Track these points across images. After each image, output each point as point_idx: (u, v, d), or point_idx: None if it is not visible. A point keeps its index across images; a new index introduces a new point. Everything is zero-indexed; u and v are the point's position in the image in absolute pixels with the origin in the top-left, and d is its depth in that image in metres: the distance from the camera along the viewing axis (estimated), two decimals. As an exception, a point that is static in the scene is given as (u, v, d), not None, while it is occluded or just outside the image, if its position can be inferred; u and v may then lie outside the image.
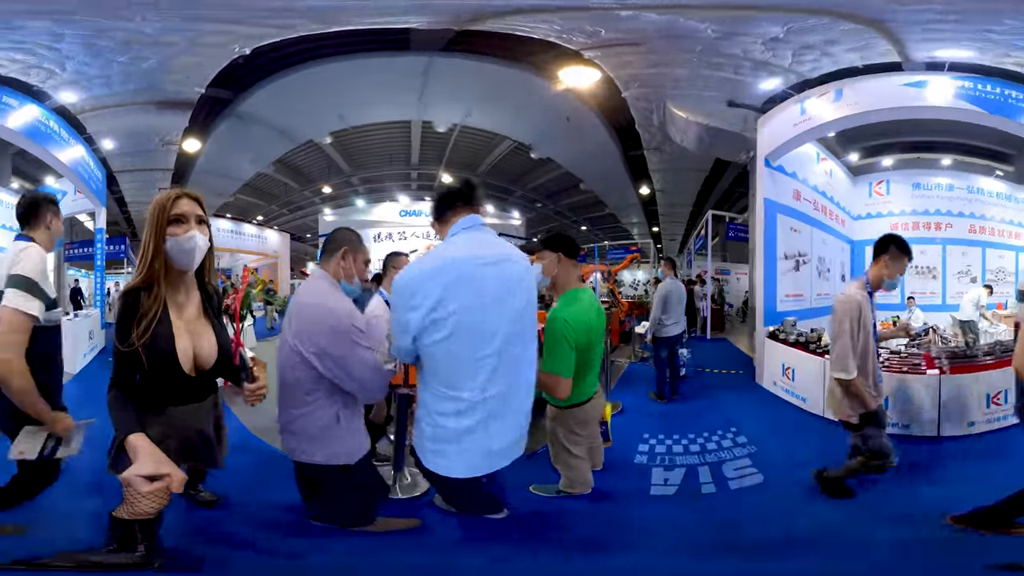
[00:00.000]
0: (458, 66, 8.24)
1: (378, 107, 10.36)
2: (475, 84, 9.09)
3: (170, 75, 6.55)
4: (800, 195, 7.23)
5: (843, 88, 5.66)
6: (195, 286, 2.01)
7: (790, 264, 7.08)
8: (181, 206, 1.87)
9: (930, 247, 8.48)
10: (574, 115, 9.83)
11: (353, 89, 9.15)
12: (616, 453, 3.58)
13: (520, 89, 8.90)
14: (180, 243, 1.84)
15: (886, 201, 8.39)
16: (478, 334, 1.81)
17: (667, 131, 8.49)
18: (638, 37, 5.95)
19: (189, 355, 1.89)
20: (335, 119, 10.76)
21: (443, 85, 9.10)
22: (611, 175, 12.48)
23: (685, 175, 11.32)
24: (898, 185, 8.36)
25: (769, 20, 5.23)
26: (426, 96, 9.65)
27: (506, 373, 1.87)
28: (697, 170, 11.03)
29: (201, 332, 1.95)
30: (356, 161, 13.59)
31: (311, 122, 10.79)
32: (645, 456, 4.05)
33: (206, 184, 10.84)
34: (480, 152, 13.00)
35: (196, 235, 1.86)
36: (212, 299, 2.07)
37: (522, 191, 15.37)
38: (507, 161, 13.21)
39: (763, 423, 4.99)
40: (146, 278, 1.84)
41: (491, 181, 14.17)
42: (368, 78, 8.54)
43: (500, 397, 1.87)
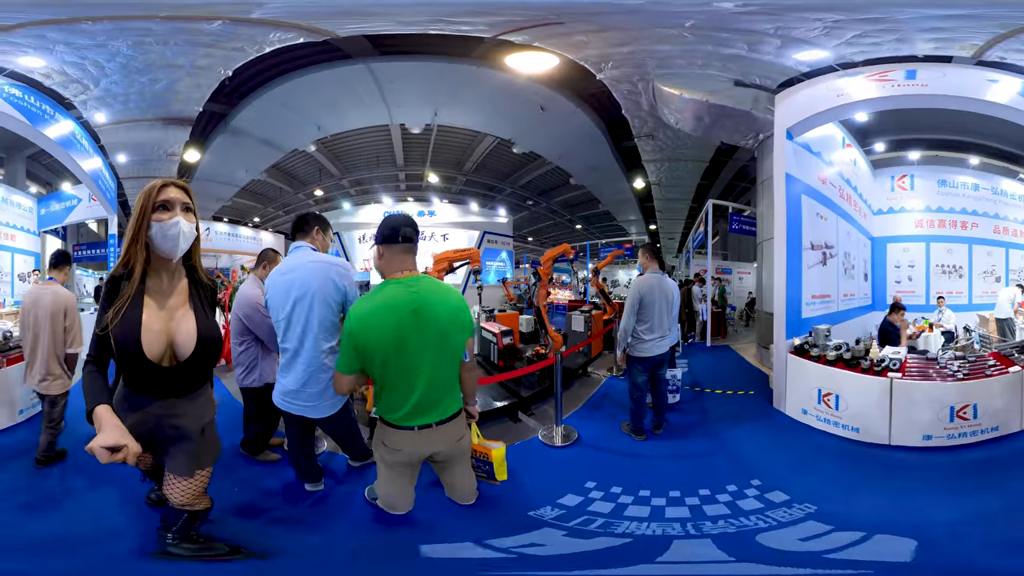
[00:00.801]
0: (402, 68, 8.22)
1: (349, 115, 10.44)
2: (428, 83, 8.96)
3: (176, 95, 7.26)
4: (825, 179, 6.18)
5: (918, 69, 4.97)
6: (182, 275, 2.00)
7: (816, 256, 5.79)
8: (167, 193, 1.87)
9: (956, 246, 8.01)
10: (549, 104, 9.12)
11: (321, 100, 9.39)
12: (513, 493, 3.15)
13: (475, 83, 8.52)
14: (164, 228, 1.83)
15: (909, 196, 7.74)
16: (276, 310, 2.69)
17: (660, 114, 7.51)
18: (558, 15, 5.31)
19: (160, 344, 1.87)
20: (314, 129, 11.00)
21: (398, 88, 9.15)
22: (602, 167, 11.61)
23: (683, 167, 10.37)
24: (923, 181, 7.76)
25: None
26: (388, 100, 9.66)
27: (291, 339, 2.66)
28: (696, 160, 10.10)
29: (182, 322, 1.92)
30: (345, 164, 13.47)
31: (293, 133, 11.10)
32: (553, 511, 2.95)
33: (206, 190, 11.97)
34: (464, 150, 12.54)
35: (180, 221, 1.85)
36: (203, 290, 2.04)
37: (512, 188, 14.67)
38: (493, 158, 12.75)
39: (804, 469, 3.73)
40: (124, 263, 1.86)
41: (476, 179, 13.94)
42: (330, 89, 8.84)
43: (291, 351, 2.69)
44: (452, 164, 13.30)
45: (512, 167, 13.43)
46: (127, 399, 1.96)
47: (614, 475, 3.51)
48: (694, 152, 9.73)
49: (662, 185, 11.25)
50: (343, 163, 13.42)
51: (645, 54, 6.10)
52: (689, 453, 4.03)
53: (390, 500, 2.46)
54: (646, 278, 4.31)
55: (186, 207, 1.90)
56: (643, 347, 4.21)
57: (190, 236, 1.91)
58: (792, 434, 4.47)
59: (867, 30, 4.80)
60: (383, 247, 2.22)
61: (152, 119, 7.85)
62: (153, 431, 1.97)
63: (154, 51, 5.91)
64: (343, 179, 14.43)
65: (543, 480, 3.44)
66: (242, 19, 5.36)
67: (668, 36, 5.46)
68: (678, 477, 3.47)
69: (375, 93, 9.25)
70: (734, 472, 3.56)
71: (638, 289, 4.23)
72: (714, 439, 4.30)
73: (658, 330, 4.23)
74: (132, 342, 1.81)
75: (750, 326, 11.77)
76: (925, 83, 4.95)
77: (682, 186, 11.25)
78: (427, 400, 2.19)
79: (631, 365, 4.30)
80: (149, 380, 1.91)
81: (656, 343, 4.24)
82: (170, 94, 7.20)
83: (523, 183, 14.43)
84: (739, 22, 4.94)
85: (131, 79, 6.54)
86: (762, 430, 4.50)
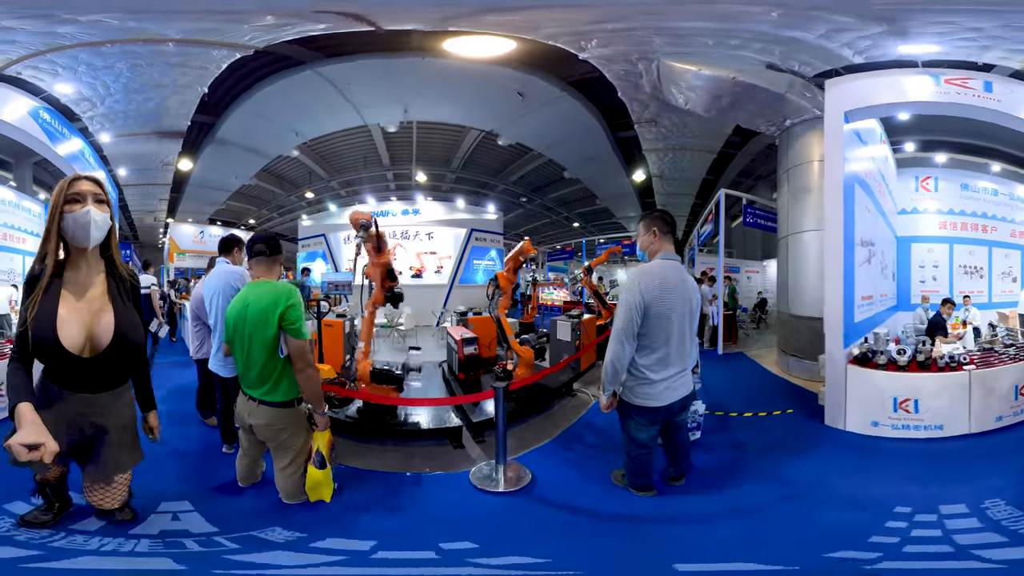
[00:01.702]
0: (347, 69, 8.07)
1: (322, 119, 10.38)
2: (382, 81, 8.64)
3: (167, 111, 7.85)
4: (870, 172, 5.66)
5: (993, 82, 4.74)
6: (101, 268, 2.01)
7: (864, 254, 5.16)
8: (79, 186, 1.92)
9: (978, 248, 8.07)
10: (528, 89, 8.46)
11: (289, 108, 9.46)
12: (324, 526, 2.62)
13: (429, 75, 8.08)
14: (76, 218, 1.87)
15: (932, 198, 7.63)
16: (206, 302, 3.48)
17: (667, 95, 6.60)
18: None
19: (79, 335, 1.87)
20: (292, 135, 11.07)
21: (356, 89, 9.03)
22: (598, 158, 10.94)
23: (688, 157, 9.53)
24: (946, 183, 7.68)
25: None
26: (353, 101, 9.49)
27: (211, 321, 3.47)
28: (703, 150, 9.35)
29: (99, 314, 1.93)
30: (334, 167, 13.40)
31: (273, 140, 11.26)
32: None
33: (201, 196, 13.01)
34: (450, 146, 12.06)
35: (92, 210, 1.88)
36: (122, 282, 2.05)
37: (504, 185, 14.08)
38: (481, 153, 12.22)
39: (940, 479, 3.15)
40: (40, 258, 1.89)
41: (466, 175, 13.49)
42: (294, 96, 8.94)
43: (211, 329, 3.54)
44: (440, 161, 12.85)
45: (502, 162, 12.84)
46: (46, 392, 1.93)
47: (582, 547, 2.36)
48: (701, 141, 9.02)
49: (664, 178, 10.42)
50: (331, 165, 13.26)
51: (651, 31, 5.40)
52: (742, 506, 2.84)
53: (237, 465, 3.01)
54: (654, 269, 2.71)
55: (98, 199, 1.93)
56: (649, 391, 2.69)
57: (103, 225, 1.93)
58: (873, 451, 3.90)
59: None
60: (248, 260, 2.83)
61: (148, 133, 8.52)
62: (72, 427, 1.95)
63: (145, 72, 6.49)
64: (332, 181, 14.29)
65: (420, 534, 2.52)
66: (189, 41, 5.87)
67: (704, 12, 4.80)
68: (736, 543, 2.41)
69: (337, 96, 9.16)
70: (840, 513, 2.74)
71: (639, 288, 2.60)
72: (771, 480, 3.18)
73: (676, 363, 2.71)
74: (49, 332, 1.81)
75: (760, 328, 11.37)
76: (999, 98, 4.75)
77: (686, 179, 10.50)
78: (248, 375, 2.71)
79: (627, 416, 2.81)
80: (68, 372, 1.90)
81: (671, 384, 2.72)
82: (161, 110, 7.82)
83: (515, 179, 13.83)
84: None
85: (130, 97, 7.19)
86: (835, 457, 3.77)
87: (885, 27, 4.24)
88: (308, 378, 2.64)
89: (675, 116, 7.88)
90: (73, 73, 6.25)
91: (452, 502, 2.96)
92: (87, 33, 5.31)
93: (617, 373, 2.70)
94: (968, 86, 4.74)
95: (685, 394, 2.84)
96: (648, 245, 2.86)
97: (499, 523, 2.70)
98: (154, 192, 11.12)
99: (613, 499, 2.93)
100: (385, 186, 14.64)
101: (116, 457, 2.09)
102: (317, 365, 3.05)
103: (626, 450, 2.93)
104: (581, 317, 6.73)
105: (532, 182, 14.13)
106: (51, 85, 6.43)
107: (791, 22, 4.59)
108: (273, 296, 2.60)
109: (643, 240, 2.88)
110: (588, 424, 4.33)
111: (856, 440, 4.14)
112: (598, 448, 3.81)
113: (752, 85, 5.68)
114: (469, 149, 12.07)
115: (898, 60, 4.95)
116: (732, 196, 8.81)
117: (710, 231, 9.47)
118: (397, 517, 2.76)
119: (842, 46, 4.76)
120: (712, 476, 3.27)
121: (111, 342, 1.93)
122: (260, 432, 2.75)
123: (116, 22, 5.21)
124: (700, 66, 5.68)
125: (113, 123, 7.90)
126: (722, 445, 3.87)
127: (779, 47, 5.14)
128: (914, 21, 4.24)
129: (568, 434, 4.13)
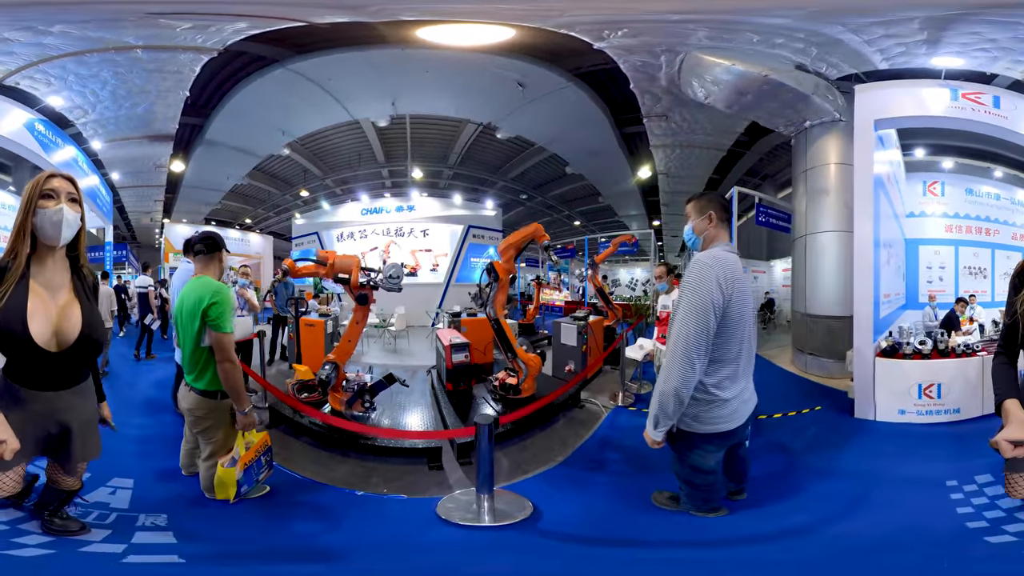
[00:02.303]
0: (325, 63, 7.90)
1: (306, 116, 10.26)
2: (368, 73, 8.49)
3: (154, 115, 8.09)
4: (888, 175, 5.95)
5: (1001, 96, 5.01)
6: (67, 266, 2.03)
7: (884, 255, 5.55)
8: (52, 183, 1.95)
9: (981, 250, 8.52)
10: (530, 79, 8.19)
11: (270, 106, 9.46)
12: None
13: (413, 65, 8.01)
14: (48, 215, 1.88)
15: (939, 202, 8.03)
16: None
17: (686, 88, 6.50)
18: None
19: (47, 330, 1.88)
20: (279, 134, 10.94)
21: (338, 84, 8.92)
22: (603, 152, 10.71)
23: (696, 154, 9.50)
24: (952, 188, 8.09)
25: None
26: (336, 96, 9.35)
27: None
28: (712, 148, 9.34)
29: (67, 309, 1.95)
30: (328, 164, 13.16)
31: (261, 140, 11.21)
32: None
33: (195, 197, 12.79)
34: (446, 141, 11.88)
35: (64, 208, 1.91)
36: (85, 281, 2.08)
37: (503, 182, 13.87)
38: (479, 148, 12.02)
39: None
40: (9, 251, 1.88)
41: (464, 172, 13.17)
42: (272, 94, 8.87)
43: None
44: (437, 157, 12.61)
45: (502, 157, 12.68)
46: (9, 391, 1.93)
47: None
48: (712, 138, 9.05)
49: (670, 175, 10.40)
50: (326, 163, 13.14)
51: (697, 24, 5.21)
52: (830, 502, 2.73)
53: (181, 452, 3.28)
54: (719, 259, 2.22)
55: (72, 198, 1.97)
56: (719, 414, 2.26)
57: (74, 224, 1.96)
58: (906, 436, 4.23)
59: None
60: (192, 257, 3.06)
61: (140, 137, 8.73)
62: (38, 427, 1.97)
63: (128, 79, 6.79)
64: (327, 179, 14.08)
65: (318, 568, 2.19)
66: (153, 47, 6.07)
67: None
68: (869, 536, 2.24)
69: (317, 91, 9.00)
70: (910, 493, 2.85)
71: (717, 282, 2.12)
72: (833, 476, 3.21)
73: (745, 374, 2.34)
74: (19, 325, 1.82)
75: (768, 329, 11.59)
76: (1006, 114, 5.02)
77: (693, 177, 10.42)
78: (184, 362, 2.92)
79: (690, 447, 2.34)
80: (35, 367, 1.91)
81: (742, 398, 2.34)
82: (149, 115, 8.08)
83: (516, 175, 13.68)
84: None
85: (119, 104, 7.43)
86: (876, 445, 4.00)
87: (926, 35, 4.34)
88: (225, 372, 2.76)
89: (687, 111, 7.92)
90: (63, 82, 6.53)
91: (399, 535, 2.50)
92: (66, 44, 5.53)
93: (682, 404, 2.16)
94: (980, 101, 4.99)
95: (753, 407, 2.49)
96: (703, 231, 2.39)
97: (473, 566, 2.13)
98: (149, 194, 11.34)
99: (664, 528, 2.44)
100: (381, 183, 14.24)
101: (81, 452, 2.14)
102: (296, 366, 3.35)
103: (685, 479, 2.51)
104: (588, 319, 6.06)
105: (533, 179, 14.03)
106: (46, 95, 6.70)
107: (856, 24, 4.67)
108: (201, 292, 2.80)
109: (697, 225, 2.40)
110: (605, 440, 3.79)
111: (888, 428, 4.49)
112: (622, 466, 3.32)
113: (780, 84, 5.78)
114: (467, 144, 11.90)
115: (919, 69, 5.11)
116: (745, 195, 8.86)
117: (720, 230, 9.55)
118: (304, 540, 2.46)
119: (876, 51, 4.86)
120: (771, 481, 3.08)
121: (78, 338, 1.95)
122: (187, 417, 2.96)
123: (77, 32, 5.41)
124: (734, 61, 5.68)
125: (105, 129, 8.12)
126: (765, 449, 3.68)
127: (818, 48, 5.22)
128: (951, 31, 4.35)
129: (581, 454, 3.54)
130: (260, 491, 3.02)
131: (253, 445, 2.88)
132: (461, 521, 2.46)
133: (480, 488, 2.61)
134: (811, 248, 7.02)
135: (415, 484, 3.05)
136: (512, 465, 3.36)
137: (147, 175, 10.34)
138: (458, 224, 13.44)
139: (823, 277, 6.86)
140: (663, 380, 2.17)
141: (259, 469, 2.92)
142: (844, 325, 6.20)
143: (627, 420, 4.26)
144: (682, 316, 2.13)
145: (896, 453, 3.84)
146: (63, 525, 2.39)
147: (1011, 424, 1.68)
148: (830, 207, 6.73)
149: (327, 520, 2.76)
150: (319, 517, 2.81)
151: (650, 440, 2.31)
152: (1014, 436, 1.62)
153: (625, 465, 3.36)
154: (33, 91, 6.49)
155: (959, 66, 5.03)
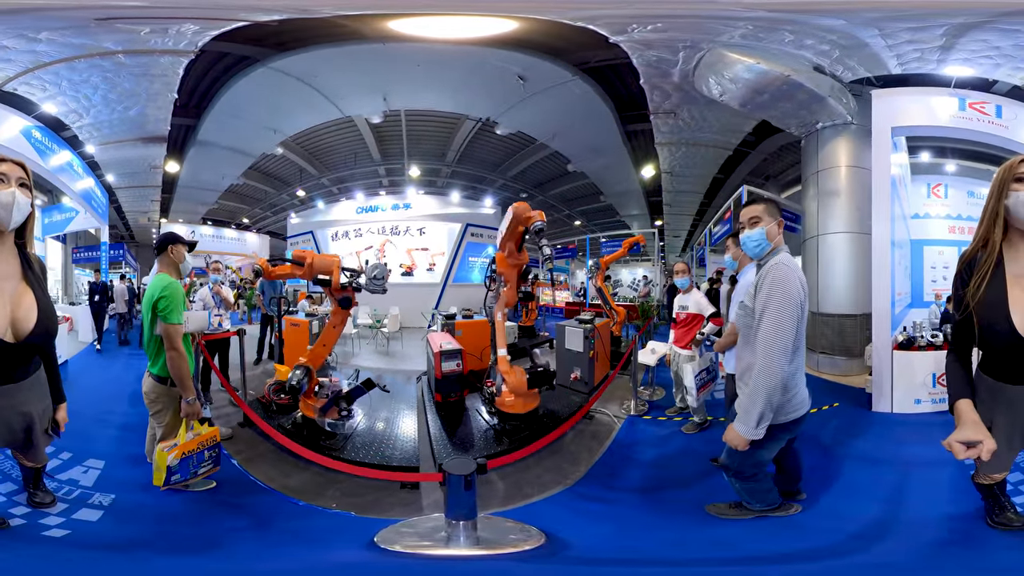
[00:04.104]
0: (308, 59, 7.95)
1: (297, 114, 10.32)
2: (354, 67, 8.50)
3: (146, 118, 8.34)
4: (899, 177, 6.21)
5: (1003, 106, 5.24)
6: (15, 253, 2.02)
7: (898, 255, 5.93)
8: (2, 167, 1.93)
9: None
10: (532, 72, 8.10)
11: (258, 105, 9.59)
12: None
13: (402, 59, 7.98)
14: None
15: (943, 204, 8.21)
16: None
17: (700, 84, 6.55)
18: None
19: (2, 319, 1.86)
20: (271, 133, 11.02)
21: (325, 80, 9.01)
22: (606, 149, 10.78)
23: (701, 153, 9.60)
24: (954, 190, 8.26)
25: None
26: (325, 92, 9.46)
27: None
28: (718, 147, 9.47)
29: (21, 296, 1.94)
30: (324, 163, 13.16)
31: (252, 139, 11.29)
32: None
33: (191, 196, 12.83)
34: (443, 137, 11.85)
35: (15, 191, 1.91)
36: (33, 266, 2.06)
37: (503, 180, 13.85)
38: (478, 145, 12.02)
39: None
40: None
41: (463, 169, 13.09)
42: (259, 93, 8.98)
43: None
44: (435, 155, 12.57)
45: (502, 155, 12.69)
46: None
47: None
48: (719, 137, 9.17)
49: (674, 174, 10.53)
50: (321, 162, 13.05)
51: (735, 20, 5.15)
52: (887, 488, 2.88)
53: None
54: (794, 262, 2.44)
55: (22, 183, 1.96)
56: (795, 402, 2.46)
57: (24, 208, 1.95)
58: (926, 424, 4.45)
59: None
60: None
61: (134, 139, 8.96)
62: (0, 422, 1.99)
63: (117, 83, 7.06)
64: (323, 178, 14.06)
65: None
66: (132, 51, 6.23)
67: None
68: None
69: (305, 88, 9.08)
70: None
71: (800, 282, 2.35)
72: (873, 463, 3.44)
73: (803, 365, 2.56)
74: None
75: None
76: (1007, 124, 5.27)
77: (697, 176, 10.62)
78: (144, 349, 3.15)
79: (769, 439, 2.43)
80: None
81: (806, 387, 2.55)
82: (141, 117, 8.31)
83: (516, 173, 13.67)
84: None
85: (111, 107, 7.70)
86: (898, 434, 4.25)
87: (944, 40, 4.48)
88: (171, 360, 2.97)
89: (695, 109, 8.06)
90: (58, 88, 6.82)
91: (311, 554, 2.29)
92: (54, 50, 5.75)
93: (776, 391, 2.29)
94: (985, 111, 5.26)
95: (808, 402, 2.62)
96: (774, 237, 2.48)
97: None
98: (146, 194, 11.58)
99: (748, 539, 2.36)
100: (377, 181, 14.21)
101: (42, 439, 2.21)
102: (277, 366, 3.53)
103: (749, 476, 2.60)
104: (594, 321, 5.71)
105: (533, 177, 14.01)
106: (42, 100, 7.01)
107: (892, 28, 4.80)
108: (153, 287, 3.07)
109: (771, 230, 2.48)
110: (625, 456, 3.47)
111: (906, 418, 4.80)
112: (650, 481, 3.05)
113: (799, 84, 5.94)
114: (465, 140, 11.90)
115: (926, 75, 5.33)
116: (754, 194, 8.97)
117: (727, 229, 9.45)
118: (209, 539, 2.51)
119: (893, 55, 5.04)
120: (814, 473, 3.05)
121: (35, 326, 1.93)
122: (144, 400, 3.15)
123: (61, 39, 5.57)
124: (759, 59, 5.74)
125: (100, 132, 8.41)
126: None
127: (842, 49, 5.37)
128: (965, 37, 4.50)
129: (598, 471, 3.16)
130: (204, 485, 3.13)
131: (199, 437, 3.01)
132: (405, 548, 2.17)
133: (452, 513, 2.25)
134: (823, 249, 7.23)
135: (376, 503, 2.82)
136: (511, 488, 3.06)
137: (143, 176, 10.62)
138: (456, 222, 13.44)
139: (835, 278, 7.08)
140: (766, 376, 2.26)
141: (200, 462, 2.99)
142: (856, 323, 6.50)
143: (644, 430, 4.04)
144: (776, 313, 2.28)
145: (923, 440, 3.99)
146: (42, 498, 2.75)
147: (963, 425, 1.72)
148: (841, 209, 6.98)
149: (254, 527, 2.74)
150: (250, 523, 2.77)
151: (743, 441, 2.35)
152: (966, 437, 1.65)
153: (653, 480, 3.16)
154: (30, 96, 6.77)
155: (967, 75, 5.29)
